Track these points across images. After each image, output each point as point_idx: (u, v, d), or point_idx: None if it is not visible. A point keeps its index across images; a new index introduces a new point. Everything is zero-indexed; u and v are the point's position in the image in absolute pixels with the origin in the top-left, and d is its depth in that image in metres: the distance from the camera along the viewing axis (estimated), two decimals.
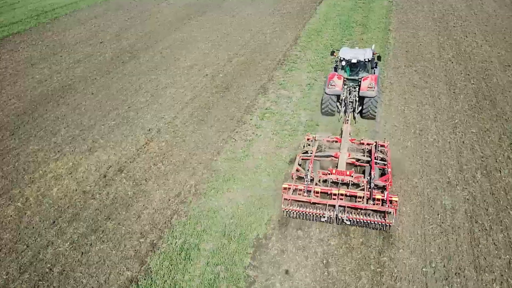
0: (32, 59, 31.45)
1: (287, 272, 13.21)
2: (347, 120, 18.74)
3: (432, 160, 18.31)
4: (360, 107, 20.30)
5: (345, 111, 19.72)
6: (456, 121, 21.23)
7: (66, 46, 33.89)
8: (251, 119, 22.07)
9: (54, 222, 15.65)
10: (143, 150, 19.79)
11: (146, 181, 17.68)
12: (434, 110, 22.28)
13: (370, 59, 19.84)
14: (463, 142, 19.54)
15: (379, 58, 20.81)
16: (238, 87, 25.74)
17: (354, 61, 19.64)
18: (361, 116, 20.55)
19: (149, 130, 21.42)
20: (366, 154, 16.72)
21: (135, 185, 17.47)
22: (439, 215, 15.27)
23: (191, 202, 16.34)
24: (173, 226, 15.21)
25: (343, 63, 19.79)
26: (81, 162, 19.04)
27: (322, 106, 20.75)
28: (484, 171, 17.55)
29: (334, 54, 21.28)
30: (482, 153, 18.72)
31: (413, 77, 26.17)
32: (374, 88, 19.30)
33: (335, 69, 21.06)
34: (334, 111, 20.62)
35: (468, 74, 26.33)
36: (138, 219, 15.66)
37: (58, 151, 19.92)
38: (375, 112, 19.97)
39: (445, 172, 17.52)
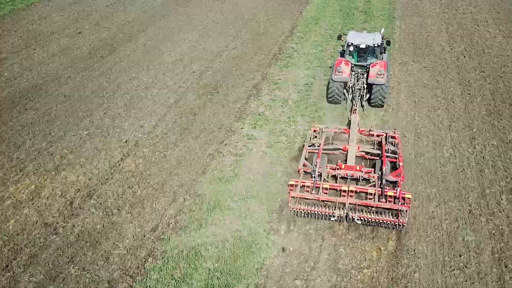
0: (2, 52, 28.37)
1: None
2: (355, 109, 17.59)
3: (450, 181, 15.88)
4: (368, 95, 19.26)
5: (352, 99, 18.95)
6: (474, 130, 18.75)
7: (41, 37, 30.82)
8: (242, 128, 19.48)
9: (7, 266, 13.17)
10: (117, 168, 17.21)
11: (118, 210, 15.18)
12: (448, 117, 19.75)
13: (379, 44, 18.75)
14: (483, 157, 17.09)
15: (388, 43, 19.73)
16: (228, 88, 23.03)
17: (362, 46, 18.61)
18: (369, 104, 19.58)
19: (126, 142, 18.82)
20: (376, 146, 15.98)
21: (105, 215, 14.98)
22: (462, 257, 12.91)
23: (169, 239, 13.92)
24: (146, 273, 12.81)
25: (351, 48, 18.73)
26: (45, 184, 16.48)
27: (329, 94, 19.73)
28: (510, 196, 15.10)
29: (342, 39, 20.12)
30: (505, 171, 16.31)
31: (422, 75, 23.52)
32: (384, 75, 18.30)
33: (342, 54, 19.94)
34: (341, 99, 19.72)
35: (483, 71, 23.70)
36: (106, 262, 13.23)
37: (20, 170, 17.31)
38: (384, 101, 19.17)
39: (465, 198, 15.12)
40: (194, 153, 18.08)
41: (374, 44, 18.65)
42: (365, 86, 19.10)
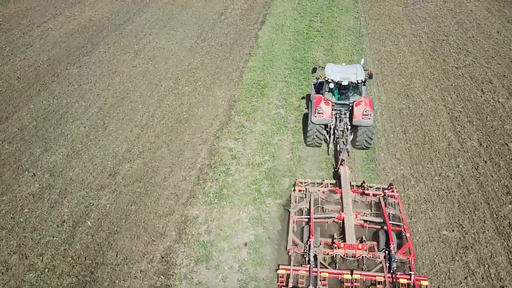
0: None
1: None
2: (343, 160, 15.10)
3: None
4: (352, 136, 17.08)
5: (335, 142, 17.01)
6: None
7: None
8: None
9: None
10: None
11: None
12: None
13: (363, 80, 16.37)
14: None
15: (370, 76, 17.17)
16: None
17: (345, 83, 16.35)
18: (353, 146, 17.41)
19: None
20: (374, 210, 13.40)
21: None
22: None
23: None
24: None
25: (331, 85, 16.41)
26: None
27: (308, 138, 17.40)
28: None
29: (320, 75, 17.96)
30: None
31: (420, 206, 14.75)
32: (371, 115, 16.22)
33: (317, 89, 18.09)
34: (321, 142, 17.59)
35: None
36: None
37: None
38: (371, 142, 17.09)
39: None
40: None
41: (358, 81, 16.27)
42: (349, 127, 16.87)
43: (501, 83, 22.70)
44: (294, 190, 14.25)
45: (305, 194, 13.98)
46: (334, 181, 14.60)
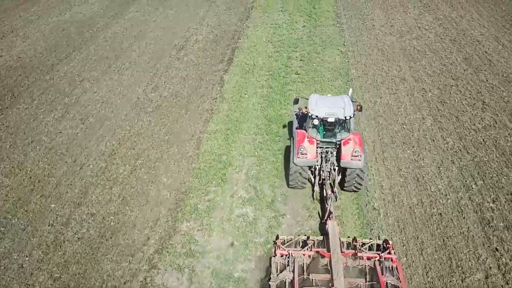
0: None
1: None
2: (331, 213, 13.05)
3: None
4: (340, 176, 15.01)
5: (321, 183, 14.98)
6: None
7: None
8: None
9: None
10: None
11: None
12: None
13: (351, 116, 14.19)
14: None
15: (360, 109, 15.01)
16: None
17: (331, 119, 14.13)
18: (342, 188, 15.32)
19: None
20: (369, 277, 11.33)
21: None
22: None
23: None
24: None
25: (315, 121, 14.15)
26: None
27: (290, 180, 15.24)
28: None
29: (302, 109, 15.50)
30: None
31: None
32: (361, 156, 14.15)
33: (299, 121, 16.37)
34: (305, 184, 15.49)
35: None
36: None
37: None
38: (362, 185, 15.08)
39: None
40: None
41: (345, 117, 14.09)
42: (336, 168, 14.90)
43: None
44: (275, 254, 11.96)
45: (287, 259, 11.68)
46: (321, 238, 12.52)
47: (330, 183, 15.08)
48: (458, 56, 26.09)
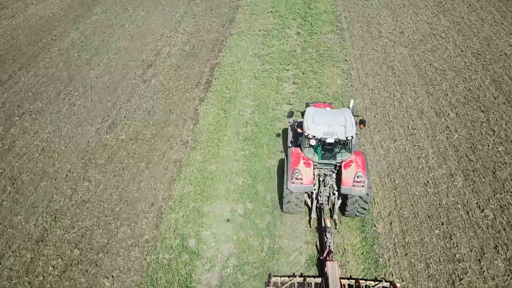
0: None
1: None
2: (330, 252, 11.80)
3: None
4: (340, 201, 13.48)
5: (318, 208, 13.66)
6: None
7: None
8: None
9: None
10: None
11: None
12: None
13: (353, 136, 12.65)
14: None
15: (363, 122, 13.43)
16: None
17: (330, 140, 12.59)
18: (343, 214, 13.84)
19: None
20: None
21: None
22: None
23: None
24: None
25: (312, 142, 12.67)
26: None
27: (284, 205, 13.69)
28: None
29: (296, 125, 13.75)
30: None
31: None
32: (364, 181, 12.57)
33: (295, 136, 15.14)
34: (301, 209, 13.85)
35: None
36: None
37: None
38: (365, 212, 13.53)
39: None
40: None
41: (347, 137, 12.50)
42: (335, 192, 13.33)
43: None
44: None
45: None
46: (319, 280, 11.25)
47: (329, 208, 13.67)
48: (485, 77, 21.39)
